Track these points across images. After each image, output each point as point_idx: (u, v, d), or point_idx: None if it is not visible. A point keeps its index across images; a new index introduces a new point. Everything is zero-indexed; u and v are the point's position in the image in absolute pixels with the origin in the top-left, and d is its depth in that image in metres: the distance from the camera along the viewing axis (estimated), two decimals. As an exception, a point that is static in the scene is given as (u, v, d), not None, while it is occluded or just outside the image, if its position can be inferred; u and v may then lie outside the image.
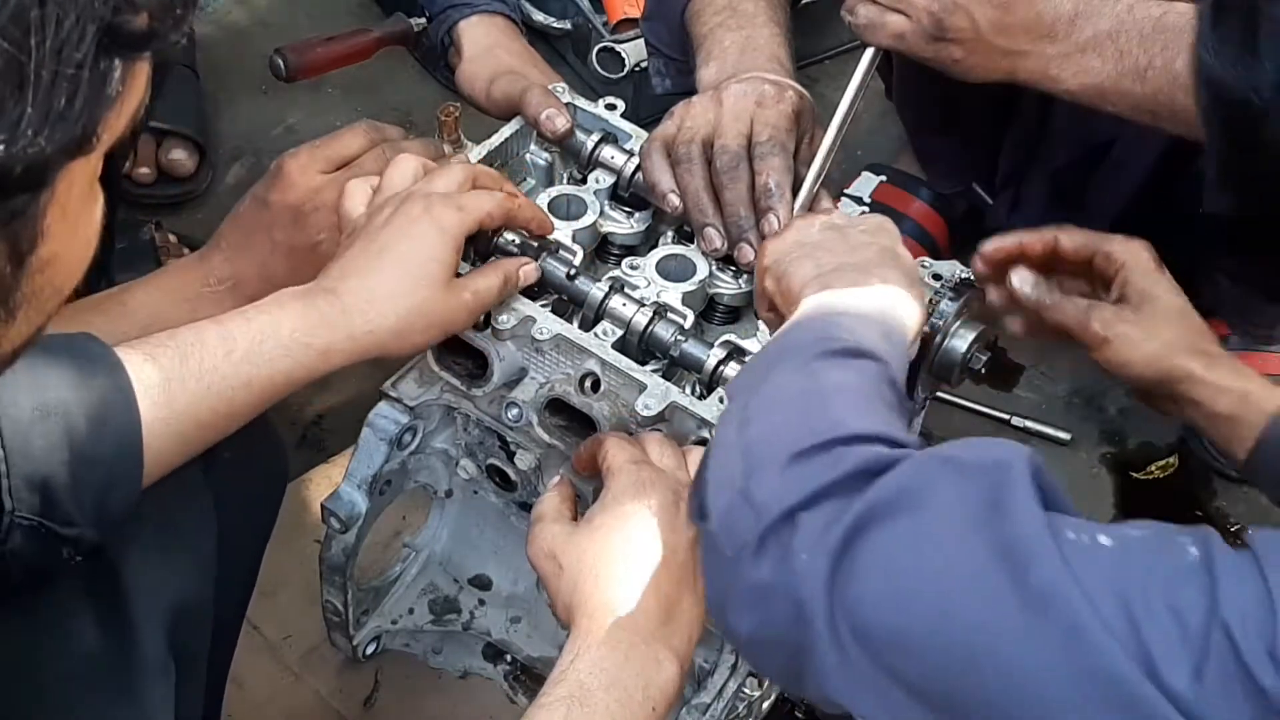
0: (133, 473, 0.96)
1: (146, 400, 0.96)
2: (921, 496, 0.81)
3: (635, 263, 1.25)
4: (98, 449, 0.93)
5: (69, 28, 0.60)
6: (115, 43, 0.63)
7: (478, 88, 1.56)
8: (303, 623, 1.52)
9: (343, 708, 1.51)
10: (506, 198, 1.18)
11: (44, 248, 0.67)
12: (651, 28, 1.70)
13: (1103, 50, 1.29)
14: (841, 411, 0.87)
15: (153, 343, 1.00)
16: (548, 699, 0.94)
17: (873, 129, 2.12)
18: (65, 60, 0.60)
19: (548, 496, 1.10)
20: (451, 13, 1.64)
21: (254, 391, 1.03)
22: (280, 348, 1.03)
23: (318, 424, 1.81)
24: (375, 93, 2.20)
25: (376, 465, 1.30)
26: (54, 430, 0.90)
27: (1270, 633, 0.71)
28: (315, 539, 1.42)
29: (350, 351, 1.08)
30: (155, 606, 1.01)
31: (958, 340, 1.20)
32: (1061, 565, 0.75)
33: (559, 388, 1.17)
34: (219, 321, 1.03)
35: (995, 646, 0.75)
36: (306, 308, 1.06)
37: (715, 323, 1.28)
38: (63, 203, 0.66)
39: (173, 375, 0.98)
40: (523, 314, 1.19)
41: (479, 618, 1.47)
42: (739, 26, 1.43)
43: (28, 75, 0.59)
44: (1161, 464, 1.82)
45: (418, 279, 1.09)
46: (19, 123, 0.60)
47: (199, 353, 1.00)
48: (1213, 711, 0.71)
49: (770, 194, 1.23)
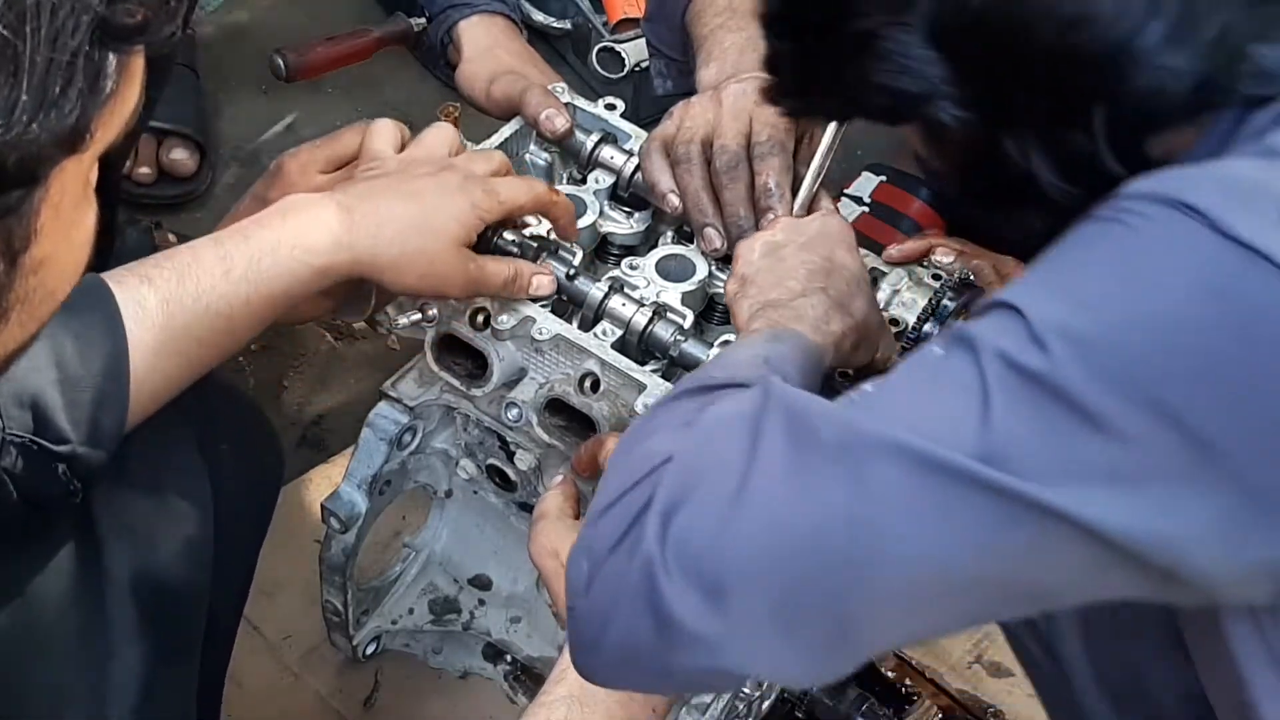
0: (121, 392, 0.97)
1: (146, 322, 0.98)
2: (702, 463, 0.80)
3: (635, 263, 1.25)
4: (86, 368, 0.94)
5: (64, 16, 0.60)
6: (109, 34, 0.63)
7: (477, 87, 1.56)
8: (303, 623, 1.52)
9: (343, 708, 1.51)
10: (547, 192, 1.19)
11: (37, 248, 0.67)
12: (653, 29, 1.70)
13: None
14: (659, 442, 0.85)
15: (149, 264, 1.01)
16: (549, 697, 0.94)
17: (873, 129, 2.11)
18: (60, 48, 0.61)
19: (550, 495, 1.10)
20: (451, 13, 1.64)
21: (253, 309, 1.04)
22: (279, 265, 1.04)
23: (318, 424, 1.81)
24: (375, 93, 2.20)
25: (376, 465, 1.30)
26: (39, 351, 0.91)
27: (1021, 329, 0.73)
28: (315, 539, 1.42)
29: (348, 271, 1.08)
30: (136, 576, 1.02)
31: (957, 340, 1.21)
32: (842, 413, 0.78)
33: (558, 388, 1.17)
34: (217, 240, 1.04)
35: (823, 520, 0.76)
36: (312, 223, 1.06)
37: (715, 323, 1.28)
38: (56, 202, 0.66)
39: (170, 296, 1.00)
40: (522, 314, 1.19)
41: (479, 618, 1.47)
42: (739, 27, 1.43)
43: (22, 61, 0.60)
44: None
45: (435, 229, 1.10)
46: (13, 109, 0.60)
47: (195, 272, 1.01)
48: (1009, 441, 0.72)
49: (770, 194, 1.23)
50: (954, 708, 1.55)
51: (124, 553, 1.01)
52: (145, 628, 1.03)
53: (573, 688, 0.95)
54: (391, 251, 1.08)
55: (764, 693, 1.26)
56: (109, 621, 1.01)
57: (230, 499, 1.13)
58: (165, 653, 1.04)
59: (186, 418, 1.11)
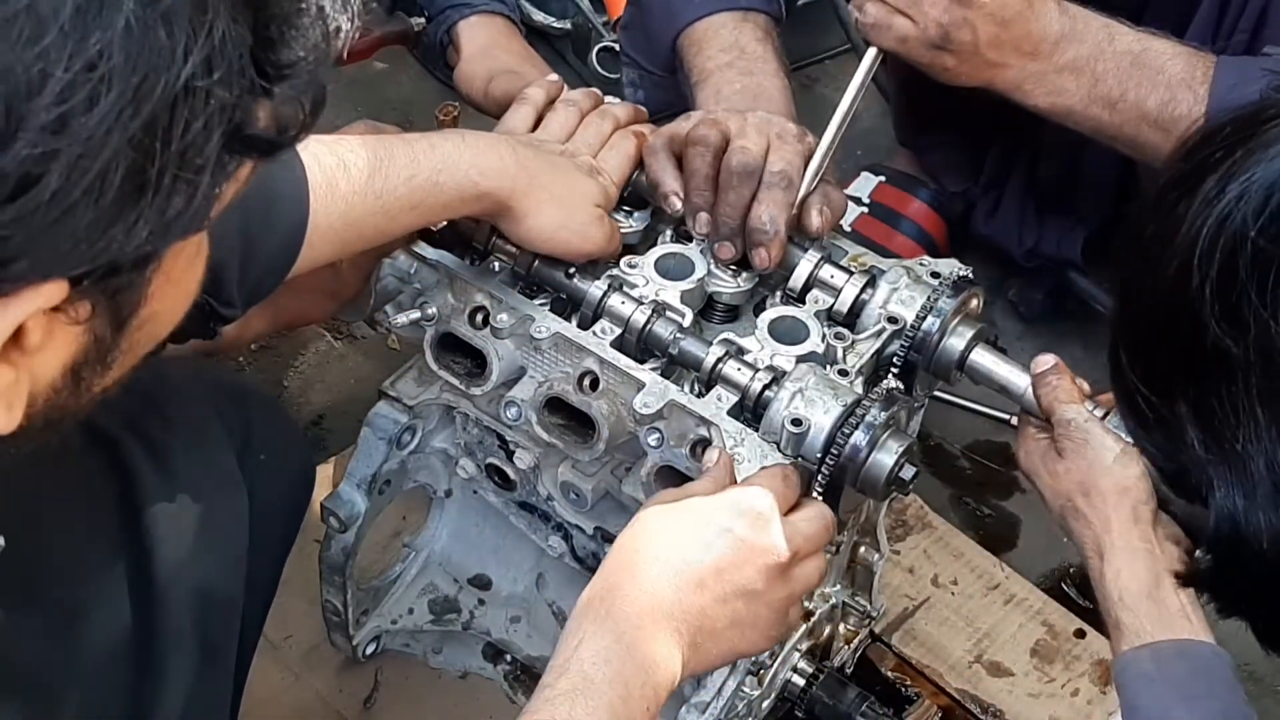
0: (288, 264, 1.02)
1: (332, 208, 1.02)
2: None
3: (634, 261, 1.25)
4: (268, 239, 0.99)
5: (195, 132, 0.59)
6: (241, 145, 0.62)
7: (476, 87, 1.57)
8: (303, 623, 1.52)
9: (343, 708, 1.51)
10: (635, 149, 1.28)
11: (146, 309, 0.67)
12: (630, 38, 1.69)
13: (1079, 74, 1.33)
14: None
15: (346, 147, 1.05)
16: (552, 691, 0.94)
17: (872, 129, 2.12)
18: (188, 165, 0.60)
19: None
20: (450, 13, 1.64)
21: (416, 215, 1.10)
22: (453, 180, 1.10)
23: (318, 424, 1.81)
24: (375, 92, 2.20)
25: (376, 465, 1.30)
26: (233, 217, 0.93)
27: None
28: (315, 539, 1.42)
29: (504, 201, 1.14)
30: (184, 587, 1.03)
31: (955, 339, 1.21)
32: None
33: (557, 386, 1.17)
34: (407, 142, 1.09)
35: None
36: (490, 149, 1.14)
37: (714, 321, 1.28)
38: (168, 270, 0.67)
39: (360, 189, 1.04)
40: (521, 313, 1.19)
41: (479, 618, 1.47)
42: (748, 71, 1.44)
43: (149, 180, 0.59)
44: (1162, 463, 1.81)
45: (580, 191, 1.20)
46: (135, 224, 0.59)
47: (386, 170, 1.06)
48: None
49: (764, 232, 1.21)
50: (954, 708, 1.54)
51: (172, 563, 1.02)
52: (191, 638, 1.03)
53: (575, 682, 0.94)
54: (539, 195, 1.15)
55: (764, 692, 1.26)
56: (158, 632, 1.02)
57: (264, 509, 1.14)
58: (208, 662, 1.05)
59: (229, 429, 1.12)
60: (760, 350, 1.18)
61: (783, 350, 1.18)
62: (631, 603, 0.98)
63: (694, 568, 1.00)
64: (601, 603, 0.99)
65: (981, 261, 1.92)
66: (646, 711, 0.96)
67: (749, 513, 1.03)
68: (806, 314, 1.22)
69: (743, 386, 1.15)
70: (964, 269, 1.24)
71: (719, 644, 1.02)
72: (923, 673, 1.56)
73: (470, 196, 1.12)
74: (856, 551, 1.40)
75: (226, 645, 1.11)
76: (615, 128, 1.28)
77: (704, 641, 1.01)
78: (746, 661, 1.18)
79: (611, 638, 0.96)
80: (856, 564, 1.41)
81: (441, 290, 1.23)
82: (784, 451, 1.12)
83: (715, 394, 1.15)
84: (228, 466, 1.10)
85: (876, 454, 1.11)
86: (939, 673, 1.56)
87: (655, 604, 0.98)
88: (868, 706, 1.33)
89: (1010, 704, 1.54)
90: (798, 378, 1.14)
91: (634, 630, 0.97)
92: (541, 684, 0.95)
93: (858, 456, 1.10)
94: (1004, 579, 1.66)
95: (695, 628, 1.00)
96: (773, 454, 1.12)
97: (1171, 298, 0.88)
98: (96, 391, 0.71)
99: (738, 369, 1.16)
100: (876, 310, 1.22)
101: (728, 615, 1.01)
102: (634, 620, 0.97)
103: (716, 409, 1.14)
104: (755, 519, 1.03)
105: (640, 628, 0.97)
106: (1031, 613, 1.62)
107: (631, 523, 1.05)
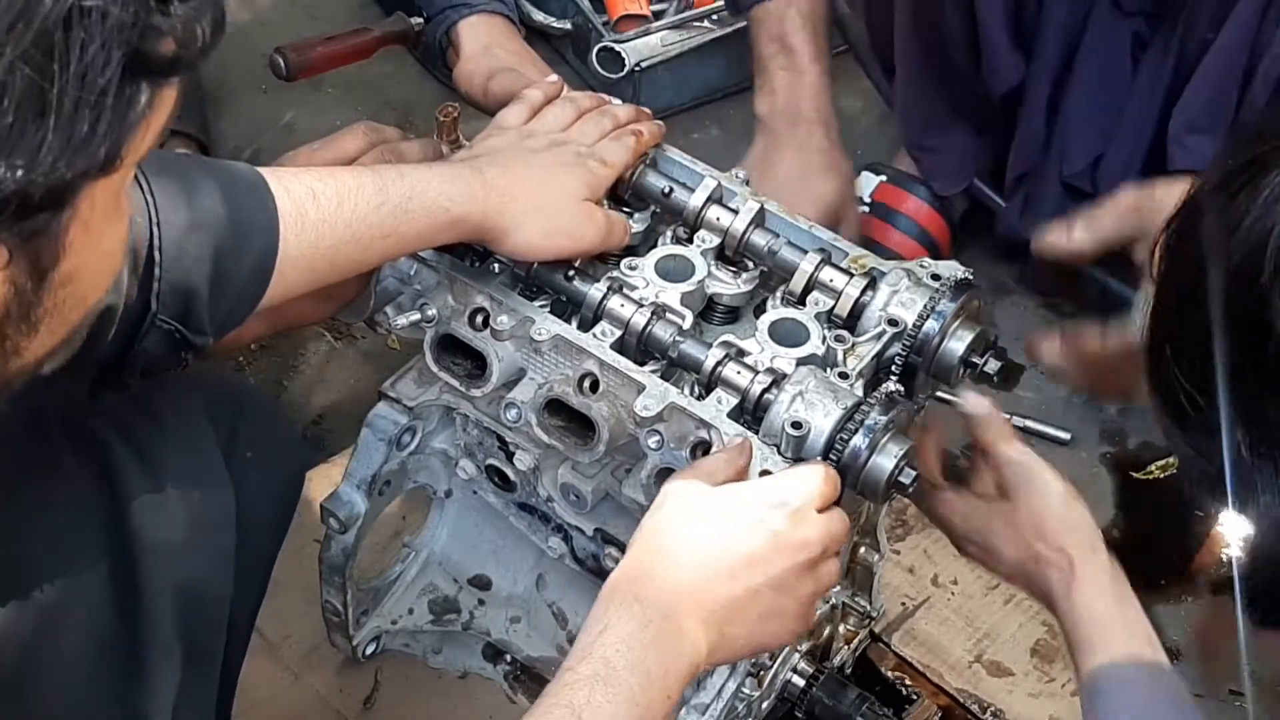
0: (259, 292, 1.02)
1: (302, 237, 1.02)
2: None
3: (634, 263, 1.25)
4: (238, 266, 0.99)
5: (94, 53, 0.59)
6: (142, 68, 0.62)
7: (475, 86, 1.56)
8: (303, 623, 1.52)
9: (343, 708, 1.51)
10: (642, 142, 1.28)
11: (66, 263, 0.67)
12: None
13: None
14: None
15: (314, 178, 1.05)
16: (573, 675, 0.94)
17: (873, 129, 2.12)
18: (89, 86, 0.60)
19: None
20: (450, 13, 1.64)
21: (389, 244, 1.09)
22: (423, 207, 1.09)
23: (318, 424, 1.81)
24: (375, 92, 2.20)
25: (376, 465, 1.30)
26: (204, 243, 0.95)
27: None
28: (315, 539, 1.42)
29: (477, 225, 1.14)
30: (169, 586, 1.03)
31: (955, 341, 1.21)
32: None
33: (557, 388, 1.17)
34: (376, 173, 1.09)
35: None
36: (454, 174, 1.13)
37: (714, 323, 1.28)
38: (85, 219, 0.66)
39: (328, 217, 1.04)
40: (521, 314, 1.19)
41: (479, 618, 1.47)
42: (788, 66, 1.61)
43: (49, 101, 0.59)
44: (1161, 464, 1.81)
45: (561, 192, 1.18)
46: (39, 149, 0.60)
47: (355, 199, 1.05)
48: None
49: None
50: (954, 708, 1.55)
51: (158, 566, 1.02)
52: (177, 640, 1.04)
53: (597, 667, 0.94)
54: (514, 210, 1.14)
55: (764, 692, 1.26)
56: (145, 634, 1.02)
57: (251, 507, 1.14)
58: (195, 663, 1.05)
59: (217, 427, 1.12)
60: (760, 352, 1.18)
61: (783, 352, 1.18)
62: (660, 590, 0.99)
63: (728, 557, 1.02)
64: (629, 588, 0.99)
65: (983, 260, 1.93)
66: (667, 700, 0.96)
67: (786, 505, 1.05)
68: (807, 316, 1.22)
69: (743, 389, 1.15)
70: (965, 271, 1.23)
71: (746, 634, 1.04)
72: (923, 673, 1.56)
73: (443, 223, 1.11)
74: (856, 552, 1.40)
75: (214, 644, 1.11)
76: (615, 126, 1.28)
77: (731, 631, 1.02)
78: (746, 662, 1.19)
79: (637, 624, 0.97)
80: (856, 564, 1.41)
81: (442, 292, 1.23)
82: (784, 454, 1.12)
83: (715, 396, 1.15)
84: (215, 465, 1.10)
85: (876, 457, 1.11)
86: (939, 673, 1.57)
87: (686, 592, 0.99)
88: (868, 707, 1.33)
89: (1010, 704, 1.54)
90: (798, 380, 1.14)
91: (661, 619, 0.98)
92: (564, 666, 0.95)
93: (858, 460, 1.11)
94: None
95: (724, 618, 1.01)
96: (773, 456, 1.12)
97: (1232, 293, 0.84)
98: (28, 360, 0.70)
99: (738, 371, 1.16)
100: (877, 312, 1.22)
101: (757, 607, 1.03)
102: (662, 608, 0.98)
103: (717, 411, 1.14)
104: (793, 513, 1.05)
105: (668, 616, 0.98)
106: (1031, 613, 1.62)
107: (658, 504, 1.06)
